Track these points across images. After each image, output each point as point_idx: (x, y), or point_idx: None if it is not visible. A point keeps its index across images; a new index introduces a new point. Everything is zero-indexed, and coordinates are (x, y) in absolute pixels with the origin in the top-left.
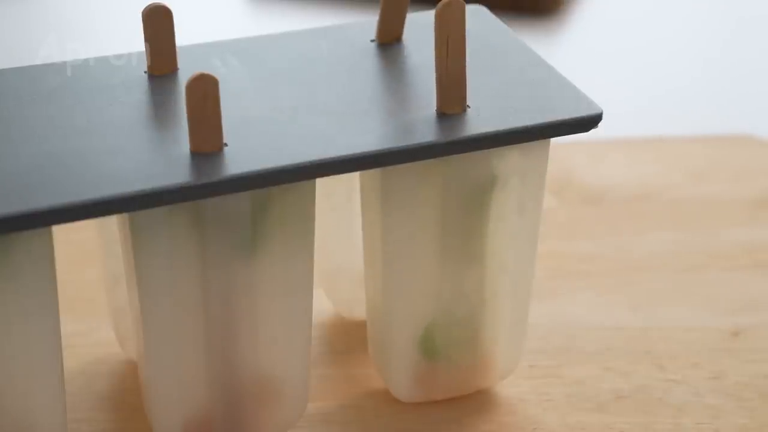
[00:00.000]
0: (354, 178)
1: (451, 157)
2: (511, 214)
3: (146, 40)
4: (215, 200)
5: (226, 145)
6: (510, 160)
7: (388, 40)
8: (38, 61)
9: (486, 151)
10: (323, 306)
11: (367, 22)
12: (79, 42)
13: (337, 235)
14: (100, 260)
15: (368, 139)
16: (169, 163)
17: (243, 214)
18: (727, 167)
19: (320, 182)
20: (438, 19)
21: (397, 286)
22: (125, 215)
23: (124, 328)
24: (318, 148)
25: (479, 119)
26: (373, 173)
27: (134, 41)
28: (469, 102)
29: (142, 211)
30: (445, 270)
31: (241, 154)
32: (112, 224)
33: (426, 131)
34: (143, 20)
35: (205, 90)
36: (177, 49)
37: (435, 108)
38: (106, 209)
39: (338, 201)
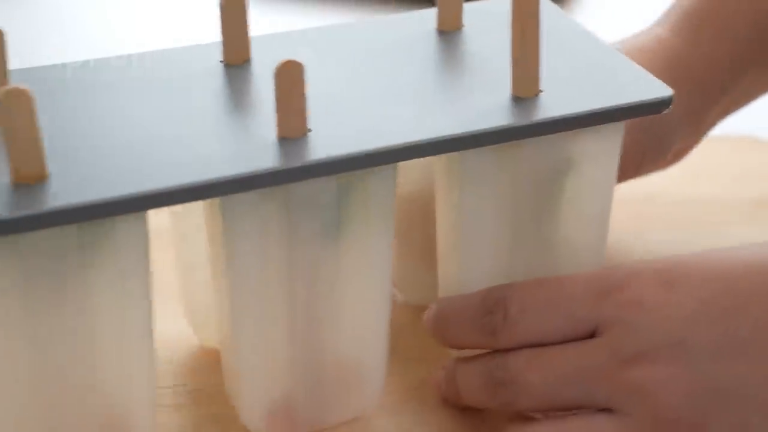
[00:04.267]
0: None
1: (526, 140)
2: (584, 198)
3: (222, 30)
4: (302, 184)
5: (309, 130)
6: (583, 143)
7: (450, 29)
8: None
9: (560, 134)
10: None
11: (428, 11)
12: (79, 42)
13: None
14: (175, 249)
15: (447, 124)
16: (259, 148)
17: (328, 197)
18: (727, 167)
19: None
20: (515, 3)
21: (471, 267)
22: (215, 200)
23: (200, 315)
24: (399, 132)
25: (553, 103)
26: (450, 157)
27: (132, 40)
28: (541, 86)
29: (234, 196)
30: (516, 252)
31: (326, 140)
32: (190, 213)
33: (502, 115)
34: (221, 11)
35: (293, 76)
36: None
37: (509, 92)
38: (201, 194)
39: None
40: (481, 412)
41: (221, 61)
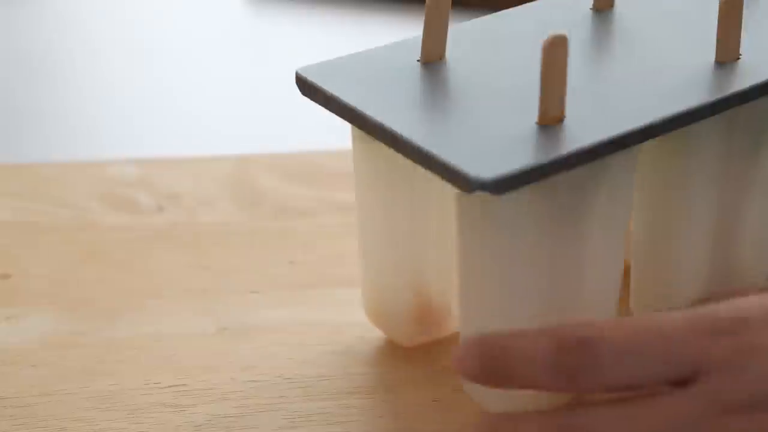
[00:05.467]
0: None
1: None
2: None
3: None
4: (743, 107)
5: (740, 56)
6: None
7: None
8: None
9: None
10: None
11: None
12: (78, 42)
13: None
14: None
15: None
16: (703, 78)
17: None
18: None
19: None
20: None
21: None
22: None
23: None
24: None
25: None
26: None
27: (131, 40)
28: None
29: (701, 122)
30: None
31: (756, 67)
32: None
33: None
34: None
35: (736, 5)
36: None
37: None
38: (686, 121)
39: None
40: None
41: (590, 8)
